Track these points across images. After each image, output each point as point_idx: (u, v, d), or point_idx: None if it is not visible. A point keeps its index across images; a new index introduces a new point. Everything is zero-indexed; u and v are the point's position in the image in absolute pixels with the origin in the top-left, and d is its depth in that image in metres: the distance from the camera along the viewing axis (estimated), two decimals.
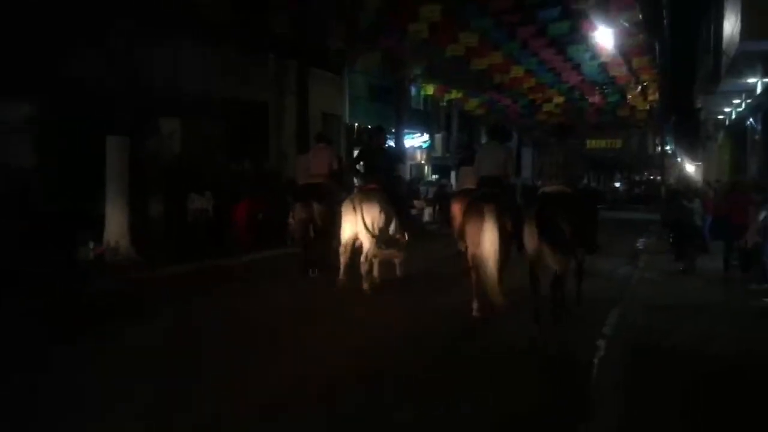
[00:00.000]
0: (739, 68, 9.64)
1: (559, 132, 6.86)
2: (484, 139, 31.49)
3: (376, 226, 7.31)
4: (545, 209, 5.88)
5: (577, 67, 15.32)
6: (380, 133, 8.97)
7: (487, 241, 5.97)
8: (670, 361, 5.29)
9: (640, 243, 15.03)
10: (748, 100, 12.83)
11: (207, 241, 9.94)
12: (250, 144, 15.33)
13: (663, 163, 34.68)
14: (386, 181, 7.89)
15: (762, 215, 7.77)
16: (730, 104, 14.85)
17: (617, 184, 41.27)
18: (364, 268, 7.40)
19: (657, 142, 37.42)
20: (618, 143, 34.34)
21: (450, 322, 6.25)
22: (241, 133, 14.91)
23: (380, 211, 7.34)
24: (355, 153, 12.37)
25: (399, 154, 19.46)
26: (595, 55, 14.31)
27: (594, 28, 12.42)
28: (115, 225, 9.60)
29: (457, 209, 8.79)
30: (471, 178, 8.60)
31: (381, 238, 7.43)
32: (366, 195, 7.46)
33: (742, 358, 5.42)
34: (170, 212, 10.51)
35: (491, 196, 6.28)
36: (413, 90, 22.68)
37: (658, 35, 14.12)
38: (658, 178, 43.04)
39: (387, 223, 7.49)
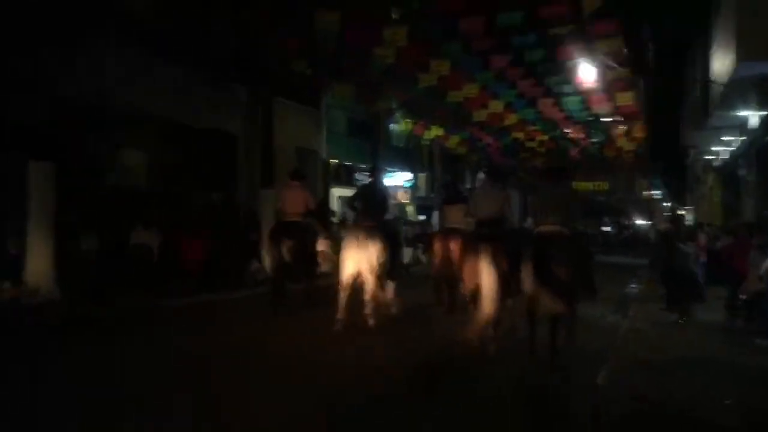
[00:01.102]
0: (732, 99, 8.86)
1: (553, 172, 6.88)
2: (469, 179, 31.16)
3: (377, 263, 7.39)
4: (542, 251, 5.92)
5: (557, 101, 14.58)
6: (378, 172, 9.28)
7: (484, 280, 6.10)
8: None
9: (629, 289, 14.11)
10: (741, 137, 12.07)
11: (147, 280, 8.81)
12: (219, 176, 14.51)
13: (651, 206, 34.07)
14: (382, 220, 8.01)
15: (766, 261, 6.78)
16: (720, 142, 14.11)
17: (607, 228, 40.56)
18: (369, 306, 7.45)
19: (645, 185, 36.96)
20: (605, 186, 33.70)
21: (445, 359, 6.27)
22: (210, 165, 14.15)
23: (381, 249, 7.42)
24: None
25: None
26: (576, 90, 13.59)
27: (574, 59, 11.69)
28: (36, 263, 8.48)
29: (438, 247, 9.15)
30: (455, 216, 9.21)
31: (377, 274, 7.49)
32: (368, 232, 7.49)
33: None
34: (108, 248, 9.41)
35: (489, 237, 6.38)
36: (394, 127, 21.97)
37: (643, 70, 13.42)
38: (643, 222, 42.53)
39: (382, 261, 7.53)
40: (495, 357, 6.17)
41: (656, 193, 43.78)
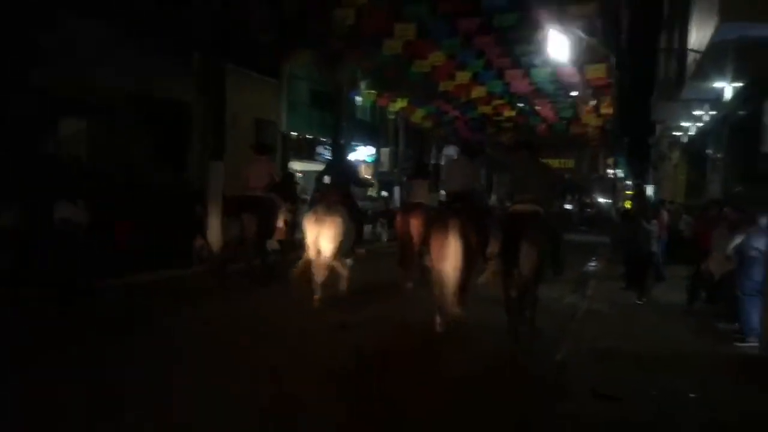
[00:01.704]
0: (708, 68, 8.50)
1: (523, 148, 6.84)
2: (434, 154, 30.70)
3: (338, 238, 7.32)
4: (515, 228, 5.91)
5: (527, 73, 14.10)
6: (344, 148, 9.60)
7: (450, 256, 6.03)
8: None
9: (589, 267, 13.93)
10: (712, 112, 11.79)
11: (70, 259, 8.04)
12: (170, 148, 13.71)
13: (614, 185, 34.25)
14: (347, 196, 8.03)
15: (735, 241, 6.46)
16: (690, 117, 13.87)
17: (569, 206, 40.71)
18: (318, 279, 7.37)
19: (609, 163, 37.09)
20: (570, 163, 33.63)
21: (410, 339, 6.26)
22: (160, 136, 13.33)
23: (343, 224, 7.35)
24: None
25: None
26: (546, 61, 13.12)
27: (545, 26, 11.18)
28: None
29: (400, 222, 9.17)
30: (421, 192, 9.32)
31: (342, 251, 7.47)
32: (329, 208, 7.44)
33: None
34: (30, 223, 8.61)
35: (457, 211, 6.32)
36: (358, 99, 21.26)
37: (615, 42, 13.02)
38: (606, 200, 42.84)
39: (348, 237, 7.51)
40: (463, 334, 6.16)
41: (620, 172, 44.14)
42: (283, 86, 19.13)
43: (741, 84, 9.00)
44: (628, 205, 18.37)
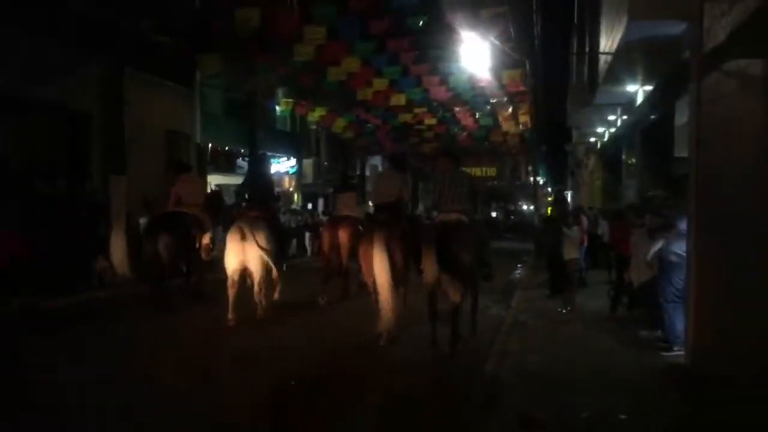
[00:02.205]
0: (618, 71, 8.46)
1: (449, 158, 6.82)
2: (358, 166, 30.30)
3: (261, 254, 7.21)
4: (444, 238, 5.92)
5: (444, 80, 13.90)
6: (264, 160, 9.37)
7: (377, 268, 6.17)
8: None
9: (513, 276, 13.85)
10: (624, 116, 11.93)
11: None
12: (68, 160, 12.53)
13: (536, 192, 35.05)
14: (267, 210, 7.99)
15: (655, 246, 6.29)
16: (604, 122, 14.10)
17: (494, 214, 41.39)
18: (258, 297, 7.39)
19: (529, 170, 37.99)
20: (493, 171, 34.12)
21: (331, 356, 6.15)
22: (57, 146, 12.18)
23: (266, 239, 7.27)
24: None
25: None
26: (462, 68, 12.94)
27: (458, 33, 10.97)
28: None
29: (327, 236, 9.20)
30: (348, 206, 9.41)
31: (265, 266, 7.37)
32: (253, 223, 7.30)
33: None
34: None
35: (383, 223, 6.46)
36: (278, 109, 20.50)
37: (529, 48, 13.07)
38: (529, 207, 43.91)
39: (270, 252, 7.38)
40: (391, 348, 6.23)
41: (540, 179, 45.42)
42: (195, 95, 18.18)
43: (652, 87, 9.05)
44: (548, 211, 18.55)
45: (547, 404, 4.63)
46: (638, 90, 9.49)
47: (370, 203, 9.76)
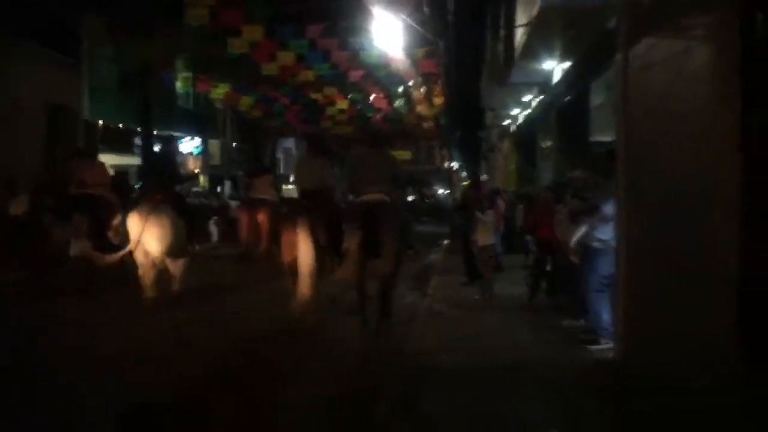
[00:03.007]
0: (536, 45, 8.03)
1: (372, 139, 6.89)
2: (268, 148, 29.02)
3: (164, 236, 7.08)
4: (369, 219, 5.92)
5: (355, 55, 13.10)
6: (171, 142, 9.70)
7: (301, 252, 6.25)
8: None
9: (428, 260, 13.43)
10: (540, 96, 11.66)
11: None
12: None
13: (450, 176, 35.16)
14: (172, 192, 7.80)
15: (578, 232, 5.86)
16: (519, 103, 13.85)
17: (410, 198, 41.28)
18: (147, 279, 7.20)
19: (443, 154, 38.09)
20: (406, 155, 33.75)
21: (245, 339, 5.94)
22: None
23: (168, 222, 7.11)
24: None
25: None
26: (374, 45, 12.18)
27: (368, 9, 10.23)
28: None
29: (245, 219, 9.38)
30: (262, 188, 9.54)
31: (170, 249, 7.20)
32: (153, 206, 7.15)
33: None
34: None
35: (307, 208, 6.49)
36: (178, 85, 18.93)
37: (441, 25, 12.48)
38: (444, 191, 44.24)
39: (175, 235, 7.22)
40: (316, 331, 6.22)
41: (454, 164, 45.78)
42: (82, 66, 16.40)
43: (569, 64, 8.70)
44: (460, 195, 18.35)
45: (467, 412, 4.04)
46: (555, 68, 9.13)
47: (291, 187, 10.58)
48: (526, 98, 12.70)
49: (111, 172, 8.82)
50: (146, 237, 7.01)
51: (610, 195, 5.34)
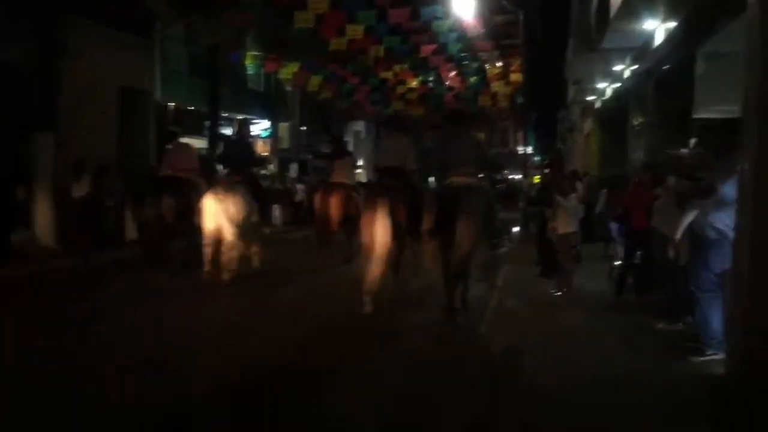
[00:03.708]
0: (635, 3, 6.91)
1: (460, 121, 6.53)
2: (336, 130, 28.61)
3: (238, 217, 7.37)
4: (454, 203, 5.75)
5: (427, 28, 12.25)
6: (246, 126, 9.90)
7: (378, 233, 6.01)
8: None
9: (501, 249, 12.52)
10: (634, 66, 10.39)
11: None
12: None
13: (525, 161, 33.58)
14: (248, 175, 8.23)
15: (686, 218, 4.87)
16: (608, 75, 12.52)
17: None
18: (224, 258, 7.46)
19: (518, 137, 36.44)
20: (480, 136, 32.38)
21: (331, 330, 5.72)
22: None
23: (243, 203, 7.45)
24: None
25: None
26: (446, 12, 11.28)
27: None
28: None
29: (319, 202, 9.32)
30: (343, 172, 9.47)
31: (243, 230, 7.50)
32: (229, 187, 7.52)
33: None
34: None
35: (387, 188, 6.33)
36: (248, 66, 18.71)
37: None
38: (517, 177, 42.53)
39: (249, 216, 7.58)
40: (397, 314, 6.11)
41: (529, 148, 43.89)
42: (155, 48, 16.44)
43: (674, 24, 7.50)
44: (536, 179, 17.25)
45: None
46: (657, 28, 7.91)
47: (360, 172, 10.70)
48: (618, 68, 11.38)
49: (196, 154, 9.04)
50: (221, 217, 7.29)
51: (729, 174, 4.36)
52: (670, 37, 7.56)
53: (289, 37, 13.25)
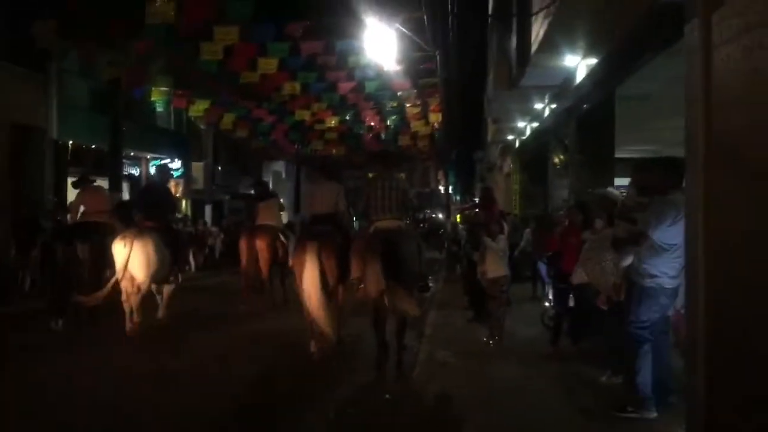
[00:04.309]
0: (558, 35, 6.75)
1: (384, 162, 6.48)
2: (254, 172, 27.68)
3: (147, 264, 7.19)
4: (387, 246, 5.58)
5: (343, 63, 11.85)
6: (165, 171, 10.27)
7: (307, 279, 6.01)
8: None
9: (428, 293, 12.04)
10: (553, 105, 10.36)
11: None
12: None
13: (447, 199, 33.84)
14: (165, 220, 8.01)
15: (624, 262, 4.48)
16: (528, 113, 12.55)
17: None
18: (127, 306, 7.28)
19: (439, 177, 36.79)
20: (402, 177, 32.37)
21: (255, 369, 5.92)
22: None
23: (153, 250, 7.23)
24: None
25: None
26: (364, 51, 10.94)
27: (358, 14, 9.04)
28: None
29: (244, 245, 9.34)
30: (269, 214, 9.54)
31: (154, 276, 7.36)
32: (140, 232, 7.31)
33: None
34: None
35: (318, 234, 6.34)
36: (156, 104, 17.62)
37: (440, 38, 11.27)
38: (440, 216, 42.84)
39: (161, 263, 7.36)
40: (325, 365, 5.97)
41: (449, 187, 44.49)
42: (51, 83, 15.21)
43: (595, 62, 7.42)
44: (457, 219, 17.09)
45: None
46: (578, 65, 7.83)
47: (284, 213, 10.25)
48: (538, 106, 11.40)
49: (108, 197, 9.06)
50: (131, 263, 7.06)
51: (662, 216, 4.05)
52: (591, 73, 7.49)
53: (198, 71, 12.44)
